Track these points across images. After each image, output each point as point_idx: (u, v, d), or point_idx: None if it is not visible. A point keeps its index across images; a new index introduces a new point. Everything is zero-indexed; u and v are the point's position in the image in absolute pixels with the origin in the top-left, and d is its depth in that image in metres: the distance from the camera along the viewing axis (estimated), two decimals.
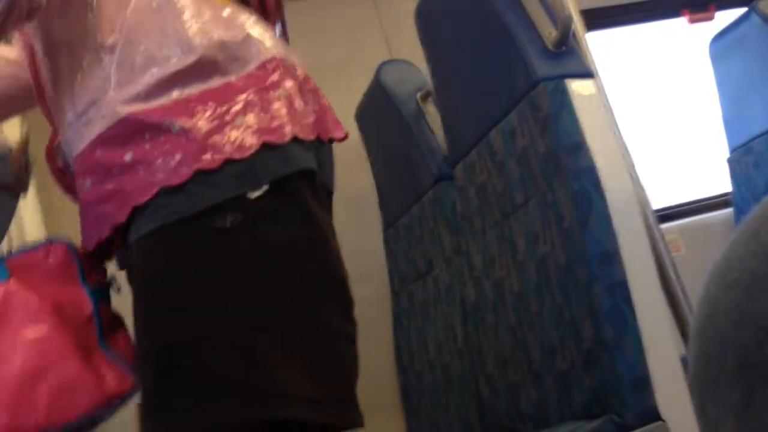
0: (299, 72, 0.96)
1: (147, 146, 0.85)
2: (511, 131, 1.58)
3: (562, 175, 1.42)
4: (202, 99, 0.86)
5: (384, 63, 2.24)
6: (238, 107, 0.86)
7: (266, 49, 0.92)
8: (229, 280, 0.84)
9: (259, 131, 0.85)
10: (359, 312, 0.92)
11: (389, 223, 2.32)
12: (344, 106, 2.41)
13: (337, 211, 1.09)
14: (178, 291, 0.85)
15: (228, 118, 0.85)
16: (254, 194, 0.84)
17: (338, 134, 1.00)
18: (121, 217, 0.86)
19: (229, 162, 0.83)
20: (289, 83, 0.92)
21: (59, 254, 0.98)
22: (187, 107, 0.85)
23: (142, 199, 0.84)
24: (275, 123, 0.87)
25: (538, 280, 1.50)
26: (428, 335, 2.06)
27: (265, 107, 0.87)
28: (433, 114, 2.05)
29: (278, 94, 0.89)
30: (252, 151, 0.84)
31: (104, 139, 0.88)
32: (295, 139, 0.88)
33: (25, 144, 1.08)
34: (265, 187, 0.84)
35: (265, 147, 0.85)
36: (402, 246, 2.24)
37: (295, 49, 3.06)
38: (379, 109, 2.24)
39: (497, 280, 1.66)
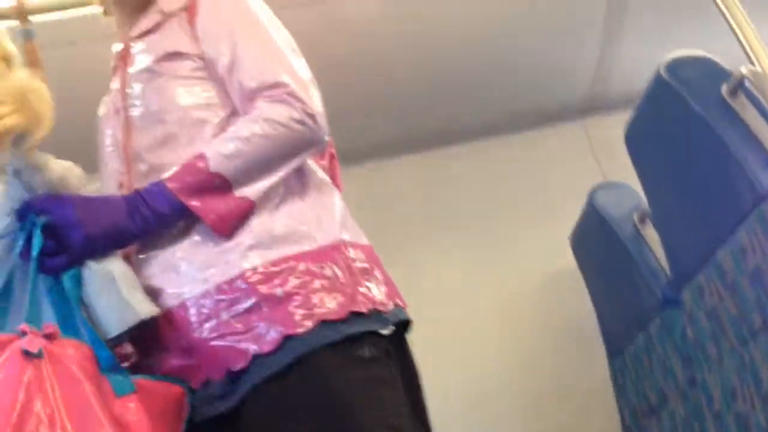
0: None
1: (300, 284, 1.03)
2: (741, 249, 1.47)
3: None
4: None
5: (597, 186, 2.21)
6: (378, 273, 1.12)
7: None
8: (394, 400, 1.05)
9: (389, 294, 1.11)
10: None
11: (614, 351, 2.20)
12: (559, 232, 2.41)
13: (558, 340, 1.15)
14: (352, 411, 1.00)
15: (372, 278, 1.10)
16: (384, 331, 1.07)
17: None
18: (272, 345, 0.97)
19: (374, 310, 1.06)
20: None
21: (178, 397, 1.00)
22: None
23: (299, 331, 0.98)
24: (394, 290, 1.14)
25: None
26: None
27: (386, 275, 1.14)
28: (652, 236, 1.96)
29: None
30: (390, 307, 1.09)
31: (262, 272, 1.02)
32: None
33: None
34: (391, 327, 1.08)
35: (395, 305, 1.11)
36: (630, 377, 2.10)
37: (512, 180, 3.12)
38: (595, 233, 2.19)
39: (740, 414, 1.50)
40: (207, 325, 1.01)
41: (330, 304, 1.01)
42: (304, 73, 1.13)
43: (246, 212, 1.05)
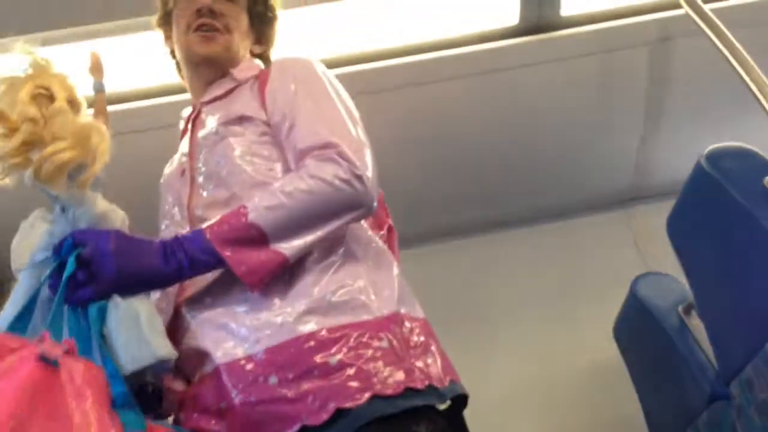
0: None
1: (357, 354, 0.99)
2: None
3: None
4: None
5: (640, 276, 2.19)
6: (434, 347, 1.10)
7: None
8: None
9: (445, 368, 1.08)
10: None
11: None
12: (601, 324, 2.37)
13: None
14: None
15: (428, 352, 1.08)
16: (441, 406, 1.03)
17: None
18: (323, 416, 0.93)
19: (430, 386, 1.02)
20: None
21: None
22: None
23: (352, 404, 0.94)
24: (449, 364, 1.11)
25: None
26: None
27: (441, 350, 1.12)
28: (697, 327, 1.92)
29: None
30: (446, 382, 1.06)
31: (317, 338, 0.98)
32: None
33: None
34: (448, 402, 1.05)
35: (451, 381, 1.08)
36: None
37: (551, 269, 3.12)
38: (639, 325, 2.16)
39: None
40: (253, 389, 0.97)
41: (386, 378, 0.97)
42: (358, 137, 1.11)
43: (279, 268, 1.02)
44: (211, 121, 1.22)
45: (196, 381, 1.04)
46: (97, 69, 1.26)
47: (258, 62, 1.41)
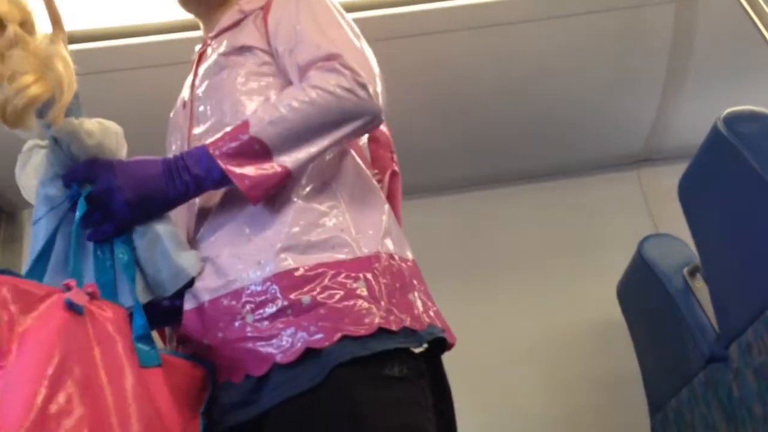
0: None
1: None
2: None
3: None
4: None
5: (647, 237, 2.19)
6: (418, 290, 1.07)
7: None
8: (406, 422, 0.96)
9: (426, 312, 1.05)
10: None
11: (656, 406, 2.16)
12: (606, 282, 2.39)
13: (601, 393, 1.11)
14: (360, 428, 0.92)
15: (410, 293, 1.05)
16: (417, 349, 1.00)
17: None
18: (293, 356, 0.93)
19: (406, 328, 0.99)
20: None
21: (201, 378, 0.97)
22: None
23: (321, 344, 0.93)
24: (432, 308, 1.08)
25: None
26: None
27: (427, 294, 1.09)
28: (701, 290, 1.93)
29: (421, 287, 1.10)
30: (426, 323, 1.03)
31: (293, 277, 0.98)
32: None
33: None
34: (425, 345, 1.02)
35: (431, 323, 1.05)
36: None
37: (560, 225, 3.12)
38: (643, 285, 2.17)
39: None
40: (232, 326, 0.97)
41: (358, 318, 0.95)
42: (362, 50, 1.09)
43: (281, 181, 1.01)
44: (213, 54, 1.22)
45: (184, 312, 1.03)
46: None
47: None
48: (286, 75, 1.13)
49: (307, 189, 1.07)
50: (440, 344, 1.07)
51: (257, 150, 1.00)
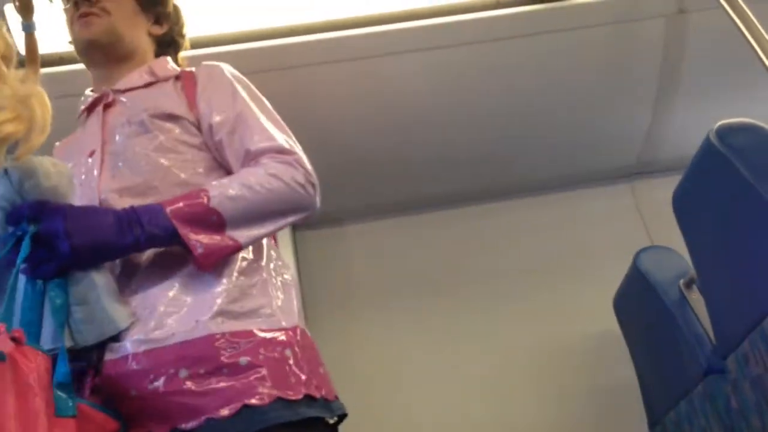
0: None
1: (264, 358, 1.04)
2: None
3: None
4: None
5: (642, 249, 2.19)
6: (322, 364, 1.14)
7: None
8: None
9: (331, 385, 1.13)
10: None
11: (655, 419, 2.15)
12: (602, 295, 2.39)
13: (598, 405, 1.11)
14: None
15: (321, 366, 1.14)
16: (331, 421, 1.08)
17: None
18: (229, 412, 0.96)
19: (323, 398, 1.07)
20: None
21: (112, 429, 0.97)
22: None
23: (258, 403, 0.98)
24: (331, 383, 1.15)
25: None
26: None
27: (326, 370, 1.16)
28: (697, 301, 1.93)
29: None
30: (334, 396, 1.12)
31: (228, 339, 1.02)
32: None
33: None
34: (336, 418, 1.09)
35: (336, 398, 1.13)
36: None
37: (555, 238, 3.12)
38: (639, 297, 2.17)
39: None
40: (165, 379, 0.99)
41: (290, 383, 1.03)
42: (301, 151, 1.22)
43: (231, 253, 1.09)
44: (134, 111, 1.25)
45: (106, 361, 1.04)
46: (26, 7, 1.15)
47: (173, 65, 1.42)
48: (216, 151, 1.22)
49: (244, 260, 1.14)
50: (341, 420, 1.14)
51: (214, 221, 1.07)
